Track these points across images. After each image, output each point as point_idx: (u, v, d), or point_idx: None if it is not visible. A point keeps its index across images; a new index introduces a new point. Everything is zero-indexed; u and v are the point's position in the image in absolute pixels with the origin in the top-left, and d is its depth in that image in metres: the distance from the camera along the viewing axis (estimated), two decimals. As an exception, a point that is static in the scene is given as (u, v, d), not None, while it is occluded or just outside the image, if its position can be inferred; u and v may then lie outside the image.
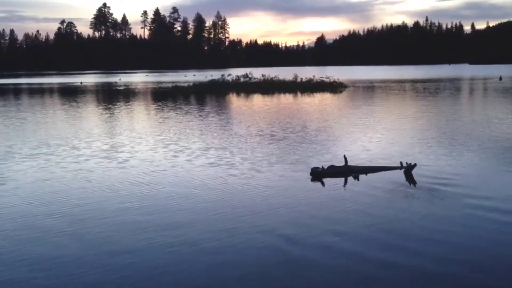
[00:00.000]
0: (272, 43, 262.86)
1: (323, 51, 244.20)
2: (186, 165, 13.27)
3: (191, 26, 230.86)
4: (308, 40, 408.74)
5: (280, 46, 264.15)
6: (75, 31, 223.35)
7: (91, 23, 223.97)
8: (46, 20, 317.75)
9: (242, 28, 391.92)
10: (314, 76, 53.14)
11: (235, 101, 37.92)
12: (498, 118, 22.29)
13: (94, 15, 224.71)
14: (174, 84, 63.06)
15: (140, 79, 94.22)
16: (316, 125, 21.02)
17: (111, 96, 45.98)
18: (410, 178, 11.31)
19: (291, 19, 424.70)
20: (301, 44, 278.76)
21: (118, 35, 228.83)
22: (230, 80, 55.42)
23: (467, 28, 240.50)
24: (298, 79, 52.31)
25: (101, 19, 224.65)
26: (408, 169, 11.71)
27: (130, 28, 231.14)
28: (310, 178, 11.59)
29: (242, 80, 54.99)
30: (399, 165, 12.09)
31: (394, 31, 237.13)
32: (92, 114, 28.79)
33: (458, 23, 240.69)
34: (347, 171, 11.97)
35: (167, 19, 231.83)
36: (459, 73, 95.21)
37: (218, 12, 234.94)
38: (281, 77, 54.65)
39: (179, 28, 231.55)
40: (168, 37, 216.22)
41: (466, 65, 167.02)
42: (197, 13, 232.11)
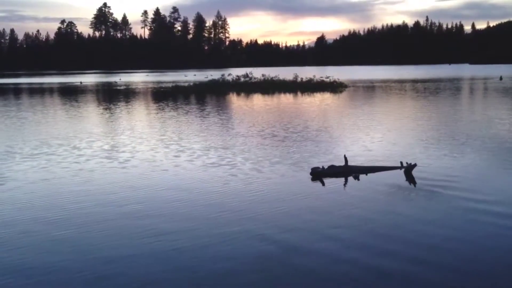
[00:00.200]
0: (272, 43, 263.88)
1: (323, 51, 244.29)
2: (187, 165, 13.28)
3: (191, 26, 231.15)
4: (308, 40, 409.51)
5: (280, 46, 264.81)
6: (75, 30, 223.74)
7: (91, 23, 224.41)
8: (46, 19, 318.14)
9: (242, 28, 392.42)
10: (314, 76, 53.18)
11: (236, 101, 37.93)
12: (499, 118, 22.32)
13: (94, 15, 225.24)
14: (175, 84, 63.08)
15: (140, 79, 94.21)
16: (316, 125, 21.04)
17: (112, 96, 45.98)
18: (410, 178, 11.33)
19: (291, 19, 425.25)
20: (301, 44, 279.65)
21: (119, 35, 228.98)
22: (230, 80, 55.46)
23: (467, 28, 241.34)
24: (298, 79, 52.32)
25: (101, 19, 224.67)
26: (408, 169, 11.73)
27: (131, 28, 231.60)
28: (311, 178, 11.61)
29: (242, 80, 55.04)
30: (399, 165, 12.11)
31: (394, 31, 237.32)
32: (93, 114, 28.80)
33: (458, 23, 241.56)
34: (347, 171, 11.98)
35: (167, 19, 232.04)
36: (459, 73, 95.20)
37: (218, 12, 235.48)
38: (281, 77, 54.68)
39: (179, 28, 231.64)
40: (168, 37, 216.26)
41: (466, 65, 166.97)
42: (197, 13, 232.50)
